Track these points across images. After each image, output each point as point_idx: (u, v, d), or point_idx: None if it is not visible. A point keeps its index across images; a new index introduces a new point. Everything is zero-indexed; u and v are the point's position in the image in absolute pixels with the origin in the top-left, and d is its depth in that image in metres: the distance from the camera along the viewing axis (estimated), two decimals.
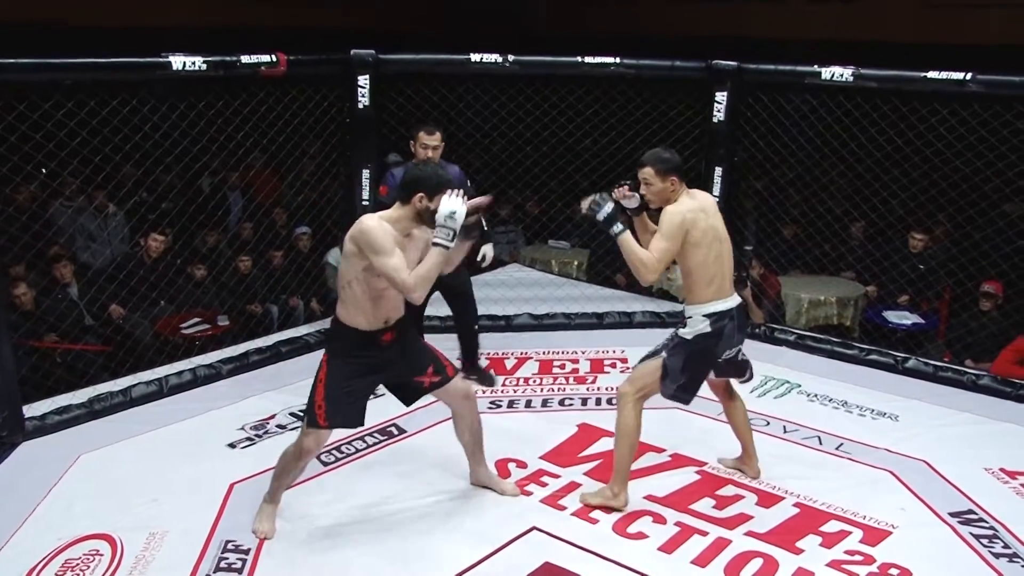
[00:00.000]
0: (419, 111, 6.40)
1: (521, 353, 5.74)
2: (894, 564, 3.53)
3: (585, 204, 3.73)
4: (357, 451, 4.36)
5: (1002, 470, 4.36)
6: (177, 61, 4.64)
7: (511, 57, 5.76)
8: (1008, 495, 4.13)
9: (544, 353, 5.76)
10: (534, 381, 5.32)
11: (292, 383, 5.12)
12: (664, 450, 4.43)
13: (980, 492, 4.12)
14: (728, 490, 4.08)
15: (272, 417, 4.71)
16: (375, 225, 3.30)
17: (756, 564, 3.51)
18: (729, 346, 3.75)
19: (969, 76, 5.02)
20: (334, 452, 4.32)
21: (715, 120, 5.99)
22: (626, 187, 3.83)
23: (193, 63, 4.68)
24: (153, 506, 3.81)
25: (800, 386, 5.36)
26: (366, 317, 3.44)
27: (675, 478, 4.17)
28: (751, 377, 4.02)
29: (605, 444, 4.47)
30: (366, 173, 5.74)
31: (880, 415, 4.97)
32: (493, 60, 5.75)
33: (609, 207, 3.67)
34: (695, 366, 3.74)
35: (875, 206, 6.19)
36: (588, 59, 5.88)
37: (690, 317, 3.71)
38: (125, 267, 5.88)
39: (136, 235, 6.70)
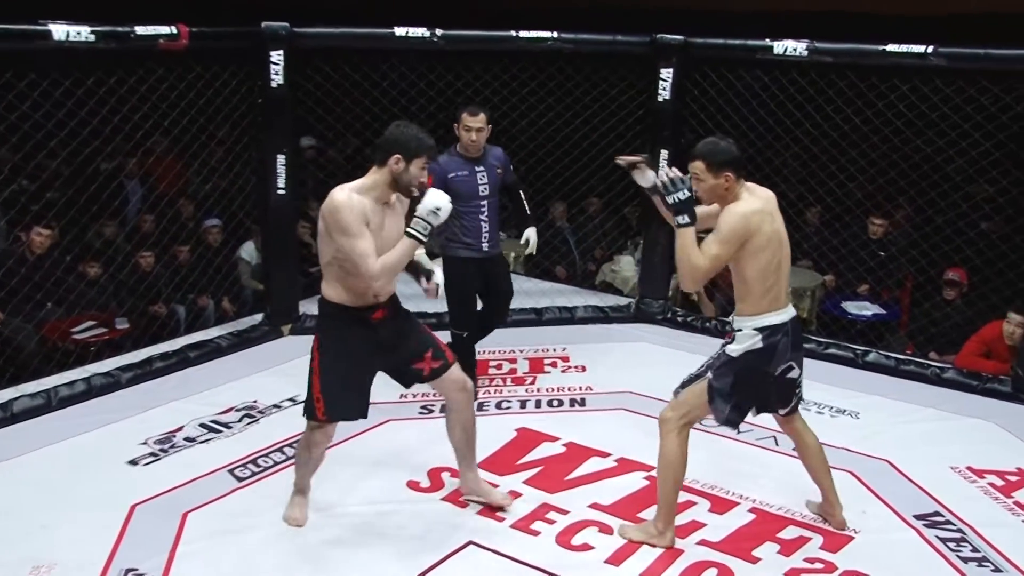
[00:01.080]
0: (338, 90, 6.30)
1: None
2: (856, 571, 3.56)
3: (661, 176, 3.42)
4: (276, 463, 4.27)
5: (969, 469, 4.44)
6: (59, 30, 4.46)
7: (439, 31, 5.70)
8: (976, 495, 4.20)
9: (479, 353, 5.67)
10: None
11: (202, 391, 5.01)
12: (609, 454, 4.42)
13: (946, 493, 4.18)
14: (679, 496, 4.06)
15: (179, 429, 4.58)
16: (344, 201, 3.27)
17: (710, 575, 3.50)
18: (783, 363, 3.49)
19: (930, 49, 5.11)
20: (250, 466, 4.23)
21: (660, 99, 6.02)
22: (641, 158, 3.68)
23: (78, 33, 4.51)
24: (40, 535, 3.64)
25: None
26: (352, 294, 3.43)
27: (621, 484, 4.16)
28: (795, 409, 3.70)
29: (545, 450, 4.46)
30: (281, 159, 5.64)
31: (839, 412, 5.03)
32: (420, 35, 5.68)
33: (685, 194, 3.34)
34: (745, 387, 3.50)
35: (832, 190, 6.26)
36: (523, 33, 5.85)
37: (739, 330, 3.47)
38: (3, 265, 5.65)
39: (15, 229, 6.46)
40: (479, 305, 5.05)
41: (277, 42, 5.47)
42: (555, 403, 5.02)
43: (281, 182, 5.67)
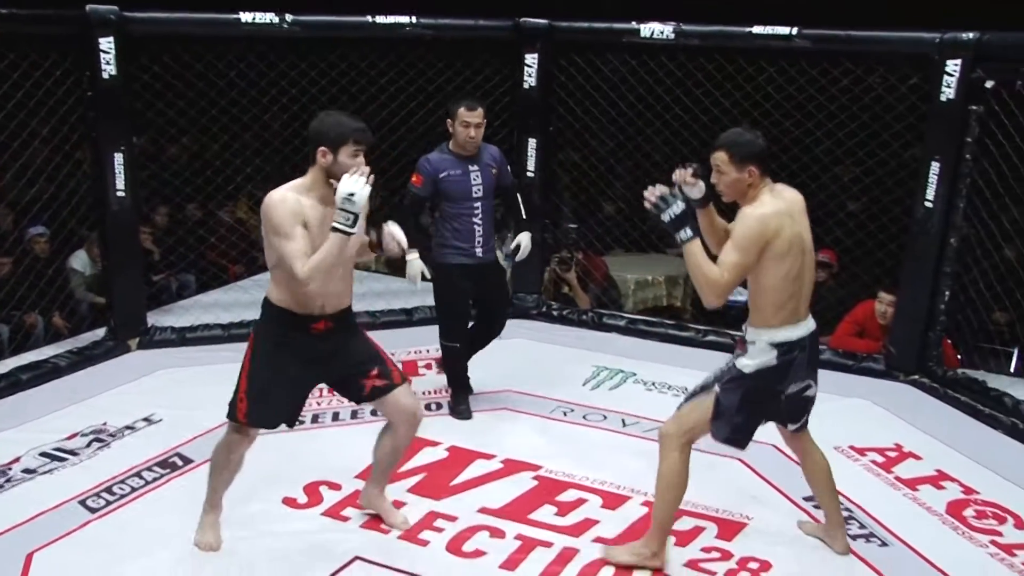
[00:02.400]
0: (180, 82, 6.11)
1: None
2: (753, 557, 3.70)
3: (650, 199, 3.30)
4: (133, 490, 4.10)
5: (851, 448, 4.69)
6: None
7: (289, 17, 5.59)
8: (859, 473, 4.44)
9: None
10: None
11: (40, 416, 4.77)
12: (494, 456, 4.45)
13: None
14: (570, 494, 4.14)
15: (15, 461, 4.32)
16: (277, 200, 3.23)
17: (607, 572, 3.57)
18: (797, 380, 3.37)
19: (795, 31, 5.35)
20: (104, 495, 4.03)
21: (526, 86, 6.09)
22: (690, 170, 3.42)
23: None
24: None
25: (635, 375, 5.54)
26: (296, 300, 3.37)
27: (509, 486, 4.19)
28: (805, 426, 3.61)
29: (428, 455, 4.45)
30: (119, 158, 5.42)
31: (643, 382, 5.24)
32: (268, 20, 5.57)
33: (679, 207, 3.25)
34: (754, 405, 3.38)
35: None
36: (379, 19, 5.81)
37: (753, 343, 3.33)
38: None
39: None
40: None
41: (105, 28, 5.24)
42: (433, 407, 5.00)
43: (120, 183, 5.45)
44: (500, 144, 6.07)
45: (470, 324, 4.99)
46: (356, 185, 3.15)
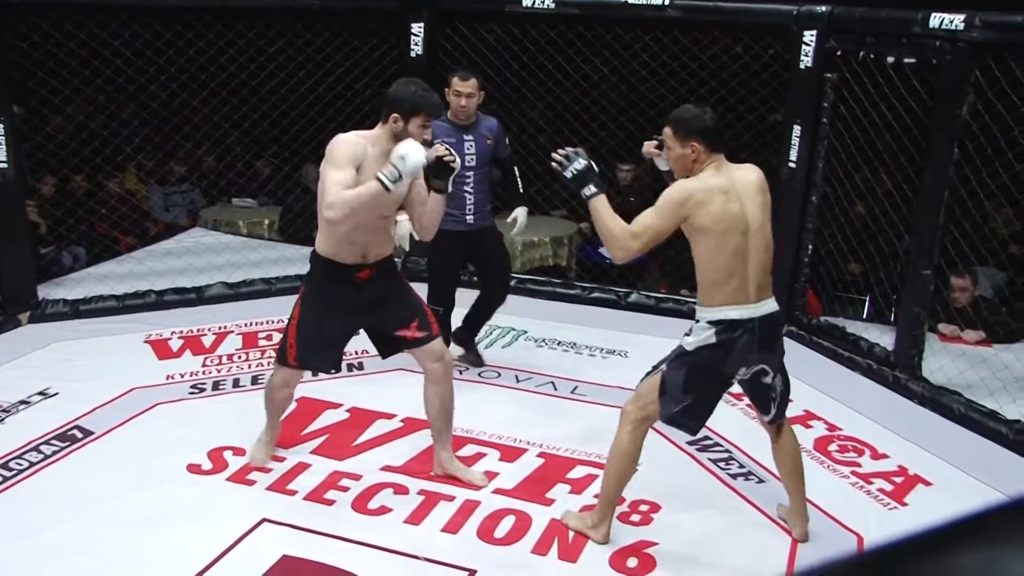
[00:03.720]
0: (61, 51, 5.81)
1: (220, 328, 5.47)
2: (643, 500, 3.80)
3: (556, 156, 3.28)
4: (32, 464, 3.92)
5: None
6: None
7: None
8: (737, 416, 4.59)
9: (246, 325, 5.54)
10: (239, 357, 5.10)
11: None
12: (394, 415, 4.45)
13: (712, 418, 4.50)
14: (468, 449, 4.17)
15: None
16: (343, 139, 3.37)
17: (509, 522, 3.62)
18: (743, 364, 3.23)
19: (668, 1, 5.42)
20: (1, 471, 3.86)
21: (413, 55, 6.01)
22: (654, 143, 3.44)
23: None
24: None
25: (527, 332, 5.59)
26: (340, 249, 3.48)
27: (410, 444, 4.19)
28: (779, 418, 3.47)
29: (330, 417, 4.41)
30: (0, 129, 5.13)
31: (610, 353, 5.31)
32: None
33: (580, 164, 3.22)
34: (700, 385, 3.25)
35: (585, 139, 6.53)
36: None
37: (696, 322, 3.22)
38: None
39: None
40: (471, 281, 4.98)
41: None
42: (334, 370, 4.94)
43: (2, 154, 5.18)
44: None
45: (456, 290, 4.95)
46: (413, 149, 3.24)
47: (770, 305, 3.25)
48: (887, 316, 5.79)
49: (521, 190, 4.98)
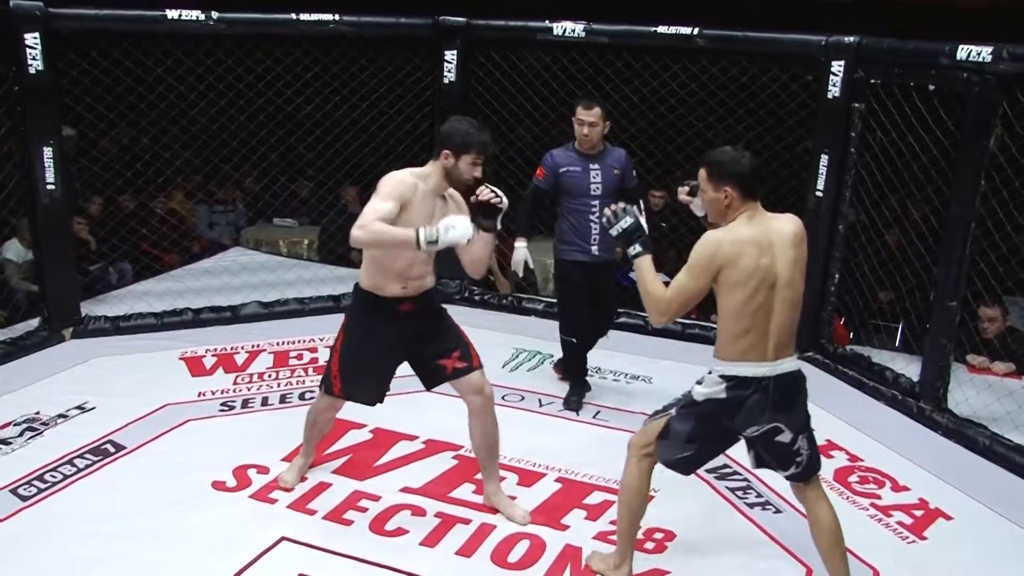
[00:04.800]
0: (109, 77, 5.93)
1: (252, 346, 5.52)
2: (658, 528, 3.76)
3: (606, 213, 3.21)
4: (65, 477, 3.99)
5: None
6: None
7: (215, 14, 5.46)
8: None
9: (278, 344, 5.58)
10: (269, 376, 5.14)
11: None
12: (416, 437, 4.44)
13: (733, 447, 4.47)
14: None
15: None
16: (395, 175, 3.41)
17: (523, 546, 3.60)
18: (752, 423, 3.06)
19: (696, 31, 5.40)
20: (35, 483, 3.91)
21: (446, 81, 6.05)
22: (688, 187, 3.34)
23: None
24: None
25: (552, 356, 5.56)
26: (382, 282, 3.51)
27: (430, 466, 4.19)
28: (806, 475, 3.19)
29: (353, 437, 4.42)
30: (48, 152, 5.25)
31: (634, 379, 5.27)
32: (194, 17, 5.43)
33: (627, 222, 3.13)
34: (704, 437, 3.15)
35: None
36: (303, 16, 5.71)
37: (709, 372, 3.08)
38: None
39: None
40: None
41: (30, 23, 5.05)
42: None
43: (50, 176, 5.29)
44: (422, 136, 6.03)
45: (587, 320, 4.86)
46: (462, 225, 3.25)
47: (789, 364, 3.06)
48: (917, 346, 5.67)
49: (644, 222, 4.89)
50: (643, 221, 3.20)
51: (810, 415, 3.17)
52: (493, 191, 3.47)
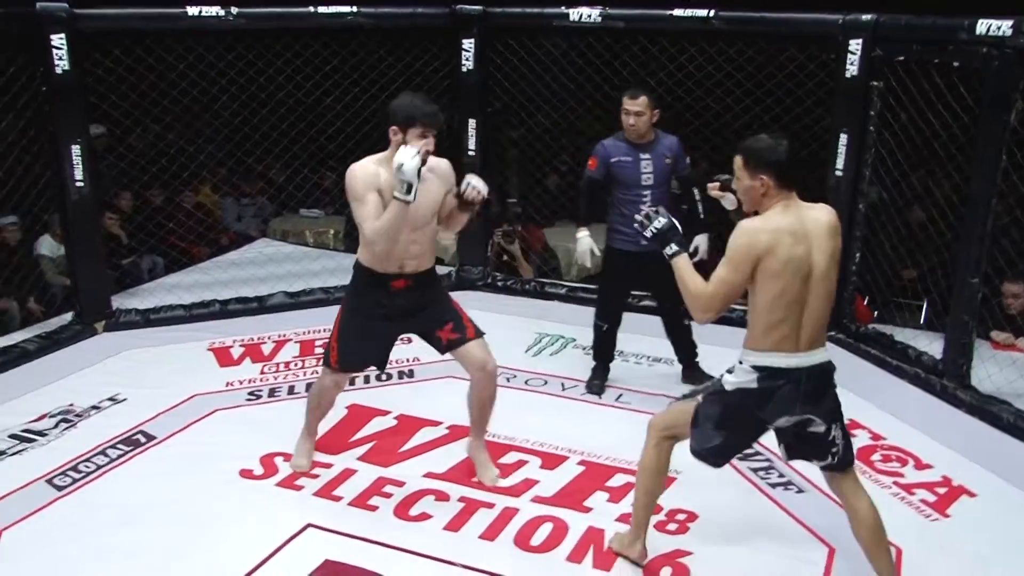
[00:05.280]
0: (132, 75, 5.98)
1: (279, 336, 5.57)
2: (680, 509, 3.76)
3: (637, 217, 3.22)
4: (99, 467, 4.05)
5: None
6: None
7: (235, 9, 5.49)
8: None
9: (304, 333, 5.62)
10: (295, 365, 5.18)
11: (9, 400, 4.68)
12: (440, 423, 4.46)
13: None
14: (511, 456, 4.16)
15: None
16: (356, 169, 3.48)
17: (546, 529, 3.61)
18: (783, 414, 3.01)
19: (712, 13, 5.36)
20: (70, 473, 3.98)
21: (464, 69, 6.05)
22: (718, 183, 3.31)
23: None
24: None
25: (575, 340, 5.56)
26: (377, 260, 3.58)
27: (454, 451, 4.20)
28: (842, 465, 3.15)
29: (377, 424, 4.45)
30: (76, 149, 5.32)
31: (656, 361, 5.26)
32: (214, 13, 5.45)
33: (660, 223, 3.12)
34: (733, 426, 3.08)
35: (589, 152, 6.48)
36: (321, 9, 5.72)
37: (740, 362, 3.03)
38: None
39: None
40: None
41: (56, 24, 5.11)
42: (383, 377, 4.98)
43: (78, 173, 5.35)
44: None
45: (623, 309, 4.90)
46: (405, 156, 3.30)
47: (820, 355, 3.01)
48: (940, 323, 5.61)
49: (702, 215, 4.69)
50: (676, 222, 3.16)
51: (841, 404, 3.13)
52: (475, 187, 3.56)
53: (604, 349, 4.95)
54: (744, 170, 2.96)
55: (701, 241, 4.70)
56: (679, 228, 3.15)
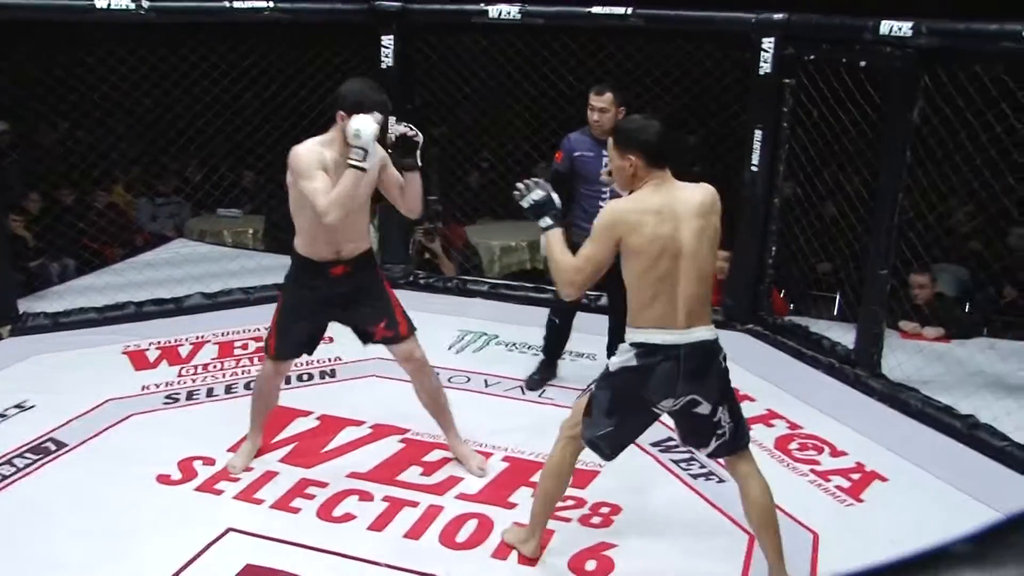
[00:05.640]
0: (42, 72, 5.77)
1: (196, 337, 5.42)
2: (604, 502, 3.77)
3: (518, 185, 3.16)
4: (5, 477, 3.86)
5: None
6: None
7: (146, 3, 5.30)
8: None
9: (223, 335, 5.49)
10: (214, 367, 5.05)
11: None
12: (363, 422, 4.40)
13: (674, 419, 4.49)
14: (435, 455, 4.12)
15: None
16: (300, 149, 3.44)
17: (471, 526, 3.58)
18: (666, 394, 2.96)
19: (630, 11, 5.39)
20: None
21: (384, 66, 5.97)
22: (607, 168, 3.25)
23: None
24: None
25: (498, 337, 5.55)
26: (314, 246, 3.58)
27: (378, 450, 4.15)
28: (730, 449, 3.11)
29: (300, 425, 4.37)
30: None
31: (579, 356, 5.27)
32: (123, 6, 5.25)
33: (538, 195, 3.09)
34: (622, 410, 3.02)
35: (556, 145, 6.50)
36: (237, 3, 5.57)
37: (623, 343, 3.04)
38: None
39: None
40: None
41: None
42: (305, 377, 4.91)
43: None
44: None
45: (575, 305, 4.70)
46: (362, 122, 3.28)
47: (701, 333, 2.95)
48: (853, 315, 5.76)
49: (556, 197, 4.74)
50: (555, 196, 3.15)
51: (732, 388, 3.10)
52: (409, 126, 3.56)
53: (551, 345, 4.91)
54: (615, 150, 2.99)
55: None
56: (556, 203, 3.15)
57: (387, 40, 5.92)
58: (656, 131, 2.95)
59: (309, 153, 3.43)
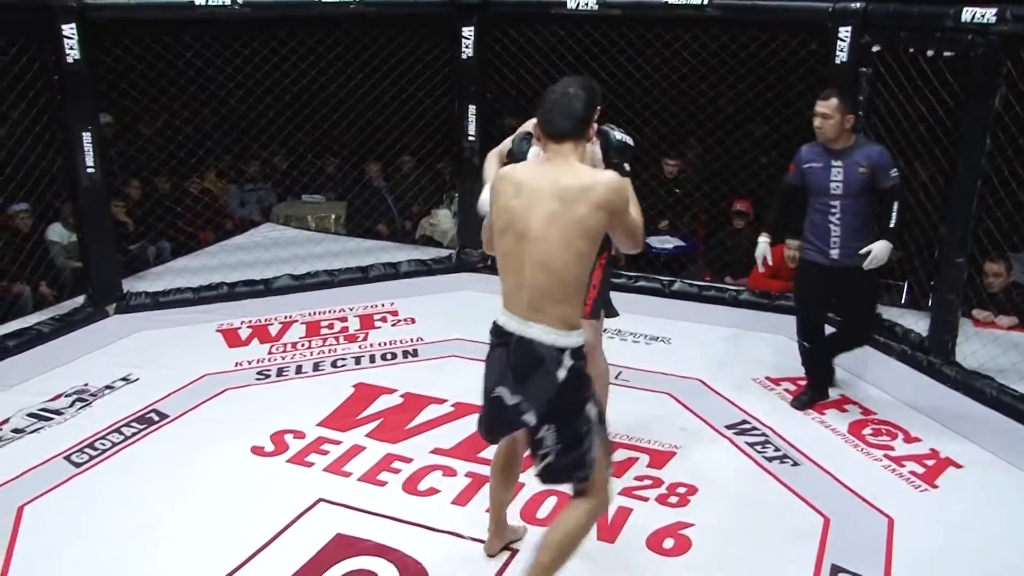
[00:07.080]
0: (141, 63, 5.91)
1: (285, 317, 5.53)
2: (681, 483, 3.74)
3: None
4: (114, 444, 4.02)
5: (767, 378, 4.75)
6: None
7: None
8: (775, 401, 4.51)
9: (310, 315, 5.58)
10: (302, 345, 5.14)
11: (26, 380, 4.65)
12: (445, 400, 4.43)
13: (750, 402, 4.47)
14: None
15: (5, 422, 4.22)
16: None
17: (551, 502, 3.59)
18: (502, 383, 2.66)
19: (707, 1, 5.31)
20: (87, 450, 3.96)
21: (463, 57, 5.99)
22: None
23: None
24: None
25: None
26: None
27: (460, 427, 4.17)
28: (548, 479, 2.77)
29: (384, 402, 4.42)
30: (87, 137, 5.24)
31: (653, 340, 5.24)
32: (221, 3, 5.38)
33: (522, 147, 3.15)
34: (484, 388, 2.76)
35: (631, 135, 6.45)
36: None
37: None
38: None
39: None
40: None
41: (67, 15, 5.02)
42: (389, 356, 4.97)
43: (89, 160, 5.29)
44: (442, 112, 5.95)
45: (822, 326, 4.41)
46: (625, 133, 3.05)
47: (536, 331, 2.57)
48: (924, 302, 5.60)
49: (892, 224, 4.10)
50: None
51: (580, 414, 2.64)
52: (625, 132, 3.11)
53: (810, 367, 4.48)
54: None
55: (878, 247, 4.08)
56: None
57: (467, 31, 5.93)
58: (551, 100, 2.60)
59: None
